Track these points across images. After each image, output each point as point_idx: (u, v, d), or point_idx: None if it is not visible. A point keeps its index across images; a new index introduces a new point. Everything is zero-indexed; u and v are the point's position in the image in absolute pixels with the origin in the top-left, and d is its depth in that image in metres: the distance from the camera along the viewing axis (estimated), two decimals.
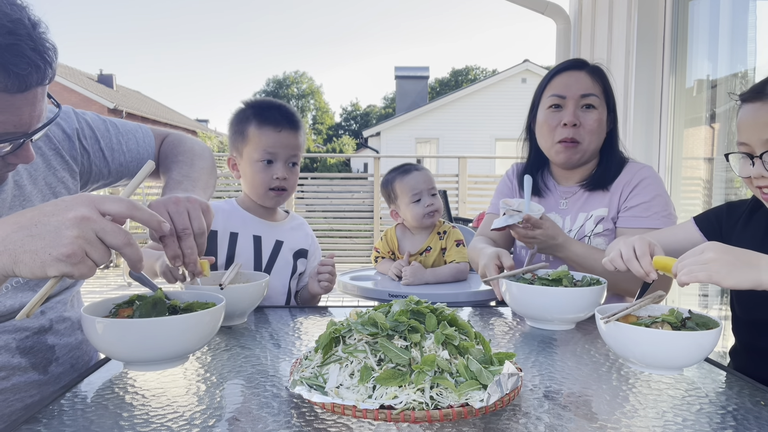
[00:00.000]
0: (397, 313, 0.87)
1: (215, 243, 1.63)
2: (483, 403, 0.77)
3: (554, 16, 3.63)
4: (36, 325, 1.11)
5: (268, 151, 1.61)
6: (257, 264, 1.65)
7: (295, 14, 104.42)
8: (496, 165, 15.25)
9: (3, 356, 1.05)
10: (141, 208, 0.82)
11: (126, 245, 0.77)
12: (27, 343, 1.09)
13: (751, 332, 1.26)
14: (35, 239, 0.72)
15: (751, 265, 0.97)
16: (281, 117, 1.63)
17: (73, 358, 1.19)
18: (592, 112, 1.59)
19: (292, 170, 1.66)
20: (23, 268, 0.72)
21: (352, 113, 52.52)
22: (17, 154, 0.94)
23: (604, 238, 1.60)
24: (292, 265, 1.72)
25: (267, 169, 1.62)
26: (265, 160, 1.61)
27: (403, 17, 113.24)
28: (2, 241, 0.72)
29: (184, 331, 0.95)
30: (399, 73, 26.69)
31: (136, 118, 20.92)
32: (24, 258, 0.72)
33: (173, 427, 0.78)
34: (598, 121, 1.59)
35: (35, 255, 0.72)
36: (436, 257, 2.11)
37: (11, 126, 0.89)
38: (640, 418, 0.82)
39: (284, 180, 1.63)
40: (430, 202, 2.09)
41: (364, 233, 8.08)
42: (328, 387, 0.80)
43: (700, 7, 2.77)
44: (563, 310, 1.25)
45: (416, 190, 2.09)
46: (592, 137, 1.59)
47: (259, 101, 1.69)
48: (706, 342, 0.95)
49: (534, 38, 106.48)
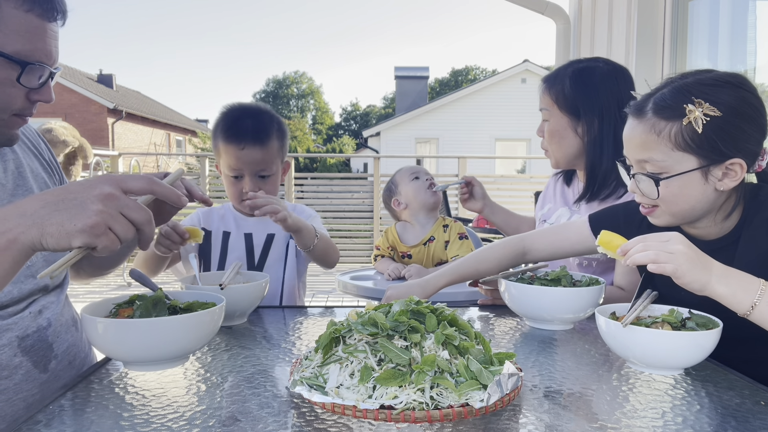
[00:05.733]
0: (397, 313, 0.87)
1: (209, 243, 1.66)
2: (483, 403, 0.77)
3: (554, 16, 3.63)
4: (35, 324, 1.12)
5: (233, 167, 1.60)
6: (250, 260, 1.67)
7: (295, 14, 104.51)
8: (496, 165, 15.26)
9: (5, 355, 1.05)
10: (160, 183, 0.86)
11: (147, 223, 0.81)
12: (28, 342, 1.09)
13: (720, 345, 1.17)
14: (61, 213, 0.77)
15: (706, 268, 0.96)
16: (247, 131, 1.58)
17: (70, 356, 1.20)
18: (545, 124, 1.66)
19: (266, 181, 1.62)
20: (50, 240, 0.76)
21: (352, 113, 52.52)
22: (41, 92, 1.02)
23: None
24: (284, 256, 1.69)
25: (236, 182, 1.62)
26: (233, 174, 1.62)
27: (403, 17, 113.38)
28: (31, 215, 0.77)
29: (184, 331, 0.95)
30: (399, 73, 26.69)
31: (136, 118, 20.95)
32: (50, 230, 0.76)
33: (173, 427, 0.78)
34: (549, 132, 1.64)
35: (61, 227, 0.76)
36: (439, 248, 2.12)
37: (43, 56, 0.99)
38: (640, 418, 0.82)
39: (255, 192, 1.57)
40: (428, 177, 2.23)
41: (364, 233, 8.08)
42: (328, 387, 0.80)
43: (700, 7, 2.78)
44: (562, 310, 1.25)
45: (413, 171, 2.24)
46: (551, 146, 1.66)
47: (232, 110, 1.65)
48: (706, 342, 0.95)
49: (534, 38, 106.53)
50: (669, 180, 1.08)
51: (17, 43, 0.95)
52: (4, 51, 0.94)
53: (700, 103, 1.04)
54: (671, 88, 1.10)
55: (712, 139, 1.04)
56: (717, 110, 1.03)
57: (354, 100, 62.13)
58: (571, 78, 1.60)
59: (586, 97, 1.59)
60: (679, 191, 1.09)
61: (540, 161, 10.61)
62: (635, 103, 1.15)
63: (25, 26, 0.96)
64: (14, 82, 0.97)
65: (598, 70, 1.61)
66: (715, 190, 1.08)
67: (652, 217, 1.16)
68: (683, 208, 1.10)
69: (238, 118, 1.62)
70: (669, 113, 1.07)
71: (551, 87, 1.63)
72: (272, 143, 1.62)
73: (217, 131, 1.63)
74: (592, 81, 1.60)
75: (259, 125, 1.60)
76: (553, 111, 1.62)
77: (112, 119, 19.43)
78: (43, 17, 0.97)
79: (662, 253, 0.95)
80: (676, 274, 0.95)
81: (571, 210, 1.71)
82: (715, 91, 1.05)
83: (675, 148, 1.07)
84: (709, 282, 0.95)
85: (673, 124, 1.06)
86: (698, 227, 1.16)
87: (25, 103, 1.02)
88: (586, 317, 1.28)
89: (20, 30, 0.95)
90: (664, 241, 0.97)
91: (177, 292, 1.12)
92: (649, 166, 1.10)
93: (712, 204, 1.10)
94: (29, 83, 1.00)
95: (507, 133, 18.72)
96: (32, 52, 0.97)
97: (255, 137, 1.58)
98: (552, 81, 1.63)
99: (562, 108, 1.60)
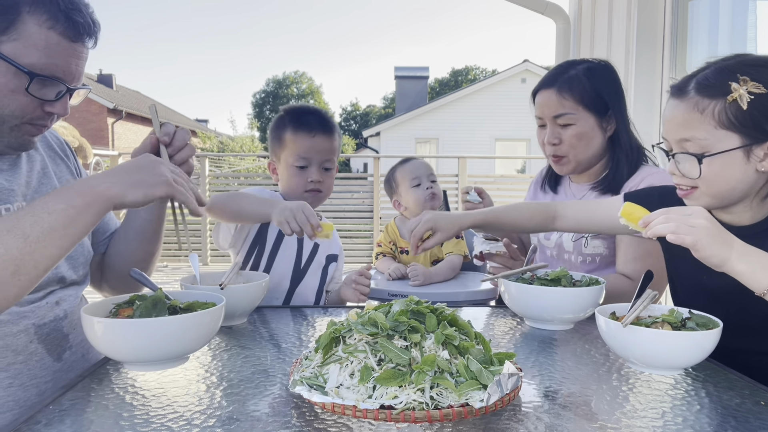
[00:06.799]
0: (397, 313, 0.87)
1: (266, 231, 1.69)
2: (483, 403, 0.77)
3: (554, 16, 3.63)
4: (52, 314, 1.15)
5: (302, 156, 1.68)
6: (297, 262, 1.71)
7: (295, 15, 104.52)
8: (496, 165, 15.25)
9: (21, 340, 1.09)
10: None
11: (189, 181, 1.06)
12: (44, 330, 1.13)
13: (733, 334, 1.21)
14: (139, 173, 0.99)
15: (727, 244, 0.96)
16: (315, 122, 1.70)
17: (84, 348, 1.23)
18: (569, 128, 1.59)
19: (327, 174, 1.73)
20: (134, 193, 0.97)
21: (352, 113, 52.50)
22: (55, 105, 1.08)
23: (602, 241, 1.60)
24: (323, 268, 1.77)
25: (302, 173, 1.69)
26: (299, 165, 1.68)
27: (404, 18, 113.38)
28: (112, 176, 0.97)
29: (184, 331, 0.95)
30: (399, 73, 26.68)
31: (136, 118, 20.95)
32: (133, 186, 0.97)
33: (173, 427, 0.78)
34: (577, 136, 1.58)
35: (142, 182, 0.98)
36: (436, 247, 2.12)
37: (60, 72, 1.05)
38: (640, 418, 0.82)
39: (319, 183, 1.70)
40: (429, 185, 2.18)
41: (364, 233, 8.07)
42: (328, 387, 0.80)
43: (700, 7, 2.78)
44: (562, 310, 1.25)
45: (415, 174, 2.19)
46: (575, 150, 1.60)
47: (296, 107, 1.78)
48: (706, 342, 0.95)
49: (534, 38, 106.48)
50: (711, 159, 1.07)
51: (33, 56, 1.01)
52: (18, 61, 1.00)
53: (745, 80, 1.04)
54: (714, 68, 1.10)
55: (756, 117, 1.04)
56: (762, 87, 1.03)
57: (354, 100, 62.12)
58: (588, 75, 1.59)
59: (609, 89, 1.61)
60: (721, 170, 1.08)
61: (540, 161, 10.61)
62: (676, 84, 1.15)
63: (44, 42, 1.02)
64: (25, 92, 1.03)
65: (596, 65, 1.64)
66: (756, 171, 1.08)
67: (689, 200, 1.15)
68: (723, 188, 1.10)
69: (305, 112, 1.74)
70: (712, 91, 1.07)
71: (570, 90, 1.57)
72: (336, 136, 1.74)
73: (283, 125, 1.72)
74: (605, 74, 1.62)
75: (324, 118, 1.74)
76: (580, 113, 1.57)
77: (112, 119, 19.44)
78: (64, 36, 1.04)
79: (683, 225, 0.96)
80: (696, 247, 0.95)
81: None
82: (759, 71, 1.05)
83: (718, 126, 1.07)
84: (729, 258, 0.96)
85: (717, 102, 1.06)
86: (733, 212, 1.16)
87: (39, 113, 1.07)
88: (586, 317, 1.28)
89: (39, 45, 1.01)
90: (687, 215, 0.98)
91: (177, 292, 1.12)
92: (691, 146, 1.09)
93: (752, 186, 1.10)
94: (43, 95, 1.05)
95: (507, 133, 18.71)
96: (47, 66, 1.03)
97: (324, 127, 1.71)
98: (568, 84, 1.58)
99: (589, 107, 1.57)
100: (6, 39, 1.00)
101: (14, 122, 1.06)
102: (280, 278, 1.68)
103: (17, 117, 1.06)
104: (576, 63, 1.64)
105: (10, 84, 1.02)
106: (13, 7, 1.00)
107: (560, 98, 1.58)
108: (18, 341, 1.08)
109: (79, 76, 1.10)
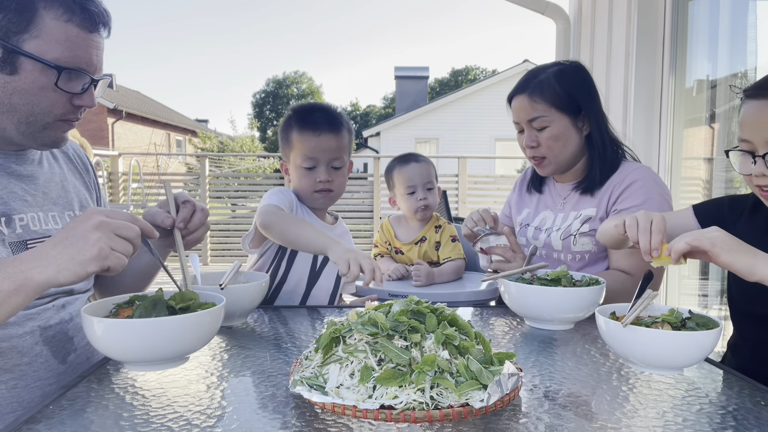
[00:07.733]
0: (397, 313, 0.87)
1: None
2: (483, 403, 0.77)
3: (554, 17, 3.63)
4: (57, 317, 1.16)
5: (309, 156, 1.65)
6: (313, 264, 1.70)
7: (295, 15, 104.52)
8: (496, 165, 15.26)
9: (27, 342, 1.09)
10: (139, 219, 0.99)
11: (136, 237, 0.95)
12: (49, 332, 1.14)
13: (752, 325, 1.25)
14: (69, 249, 0.89)
15: (750, 251, 1.00)
16: (321, 120, 1.66)
17: (89, 351, 1.23)
18: (544, 131, 1.61)
19: (337, 172, 1.69)
20: (66, 274, 0.89)
21: (352, 113, 52.51)
22: (83, 97, 1.10)
23: (590, 238, 1.60)
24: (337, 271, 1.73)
25: (310, 173, 1.67)
26: (307, 165, 1.66)
27: (403, 17, 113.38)
28: (45, 257, 0.89)
29: (184, 331, 0.95)
30: (399, 73, 26.67)
31: (136, 118, 20.95)
32: (64, 265, 0.89)
33: (173, 427, 0.78)
34: (553, 138, 1.61)
35: (72, 260, 0.89)
36: (430, 249, 2.12)
37: (84, 63, 1.06)
38: (640, 418, 0.82)
39: (328, 182, 1.67)
40: (423, 197, 2.11)
41: (364, 233, 8.07)
42: (328, 387, 0.80)
43: (700, 7, 2.78)
44: (562, 310, 1.25)
45: (411, 182, 2.12)
46: (553, 152, 1.62)
47: (303, 105, 1.75)
48: (706, 342, 0.95)
49: (534, 38, 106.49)
50: None
51: (56, 50, 1.03)
52: (44, 58, 1.02)
53: None
54: None
55: None
56: None
57: (354, 100, 62.11)
58: (558, 78, 1.61)
59: (581, 90, 1.63)
60: None
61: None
62: (757, 85, 1.15)
63: (64, 35, 1.03)
64: (55, 87, 1.04)
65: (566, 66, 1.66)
66: None
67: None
68: None
69: (312, 111, 1.71)
70: None
71: (542, 93, 1.60)
72: (344, 133, 1.70)
73: (290, 125, 1.69)
74: (575, 75, 1.64)
75: (331, 115, 1.69)
76: (552, 115, 1.59)
77: (112, 119, 19.43)
78: (82, 27, 1.05)
79: (700, 235, 1.02)
80: (714, 251, 0.99)
81: (554, 212, 1.72)
82: None
83: None
84: (756, 264, 0.98)
85: None
86: None
87: (68, 108, 1.09)
88: (586, 317, 1.28)
89: (60, 39, 1.03)
90: (702, 232, 1.03)
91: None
92: None
93: None
94: (71, 88, 1.07)
95: (507, 133, 18.65)
96: (72, 59, 1.04)
97: (330, 125, 1.66)
98: (539, 88, 1.60)
99: (561, 109, 1.60)
100: (28, 37, 1.01)
101: (47, 120, 1.07)
102: (298, 280, 1.69)
103: (48, 114, 1.07)
104: (547, 67, 1.66)
105: (39, 81, 1.03)
106: (29, 5, 1.01)
107: (532, 102, 1.61)
108: (23, 343, 1.09)
109: (100, 67, 1.11)
